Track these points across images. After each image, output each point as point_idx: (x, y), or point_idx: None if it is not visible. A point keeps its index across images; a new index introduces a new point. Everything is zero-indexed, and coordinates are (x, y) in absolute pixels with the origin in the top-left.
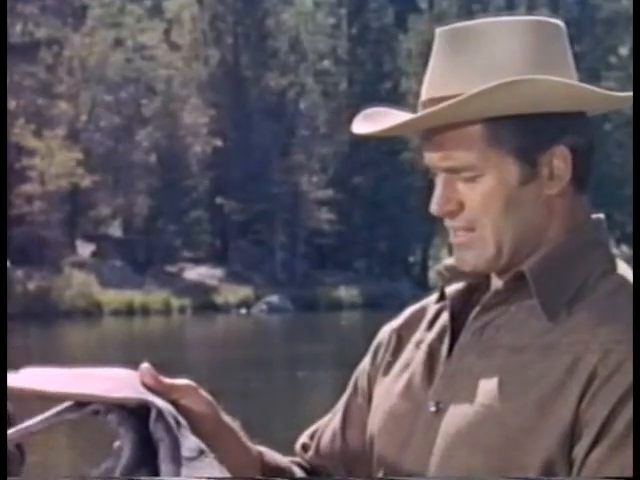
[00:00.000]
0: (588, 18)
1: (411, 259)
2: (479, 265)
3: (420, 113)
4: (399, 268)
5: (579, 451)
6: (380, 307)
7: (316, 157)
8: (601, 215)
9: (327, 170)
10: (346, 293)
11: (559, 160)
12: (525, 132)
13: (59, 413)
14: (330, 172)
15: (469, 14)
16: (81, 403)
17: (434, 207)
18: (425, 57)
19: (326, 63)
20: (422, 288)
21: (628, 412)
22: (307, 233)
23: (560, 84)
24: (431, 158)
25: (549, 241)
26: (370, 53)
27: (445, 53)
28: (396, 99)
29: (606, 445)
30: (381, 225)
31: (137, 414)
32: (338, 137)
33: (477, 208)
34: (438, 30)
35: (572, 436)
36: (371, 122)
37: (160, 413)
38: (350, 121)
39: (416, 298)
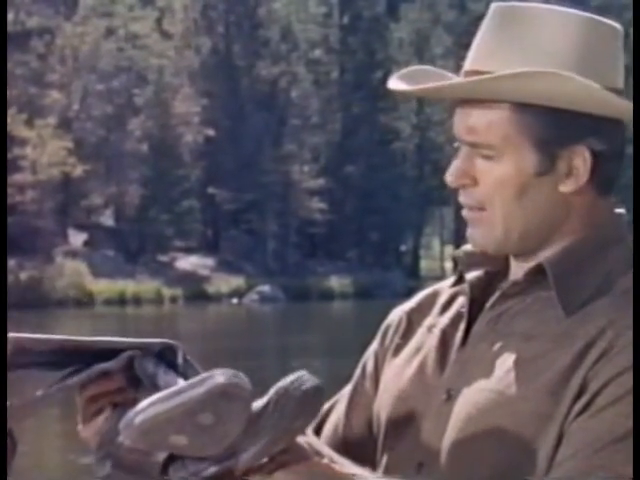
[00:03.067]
0: (579, 7)
1: (402, 248)
2: (487, 245)
3: (445, 82)
4: (390, 257)
5: (570, 418)
6: (371, 296)
7: (308, 146)
8: (622, 210)
9: (319, 159)
10: (338, 282)
11: (579, 160)
12: (549, 125)
13: (96, 364)
14: (322, 161)
15: (461, 4)
16: (114, 351)
17: (449, 177)
18: (416, 46)
19: (318, 52)
20: (413, 277)
21: (615, 390)
22: (299, 222)
23: (583, 85)
24: (457, 128)
25: (567, 235)
26: (362, 42)
27: (495, 28)
28: (388, 88)
29: (587, 415)
30: (372, 214)
31: (164, 359)
32: (330, 126)
33: (490, 188)
34: (494, 4)
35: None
36: (407, 80)
37: (185, 355)
38: (342, 110)
39: (407, 287)
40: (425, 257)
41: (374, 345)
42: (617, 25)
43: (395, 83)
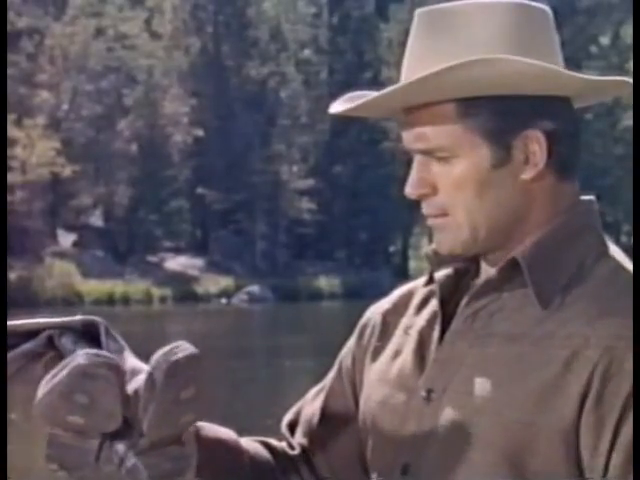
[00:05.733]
0: (569, 7)
1: (391, 249)
2: (455, 248)
3: (378, 92)
4: (379, 257)
5: (597, 459)
6: (360, 296)
7: (297, 146)
8: (592, 197)
9: (308, 159)
10: (327, 283)
11: (534, 144)
12: (496, 114)
13: (17, 347)
14: (311, 161)
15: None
16: (33, 333)
17: (408, 189)
18: (405, 46)
19: (307, 52)
20: (402, 277)
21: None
22: (288, 223)
23: (519, 63)
24: (407, 139)
25: (536, 227)
26: (351, 42)
27: (421, 35)
28: (377, 88)
29: (623, 451)
30: (361, 214)
31: (87, 335)
32: (319, 126)
33: (450, 191)
34: (417, 11)
35: (576, 435)
36: (347, 103)
37: (107, 329)
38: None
39: (396, 287)
40: (414, 257)
41: (351, 343)
42: (545, 7)
43: (334, 107)
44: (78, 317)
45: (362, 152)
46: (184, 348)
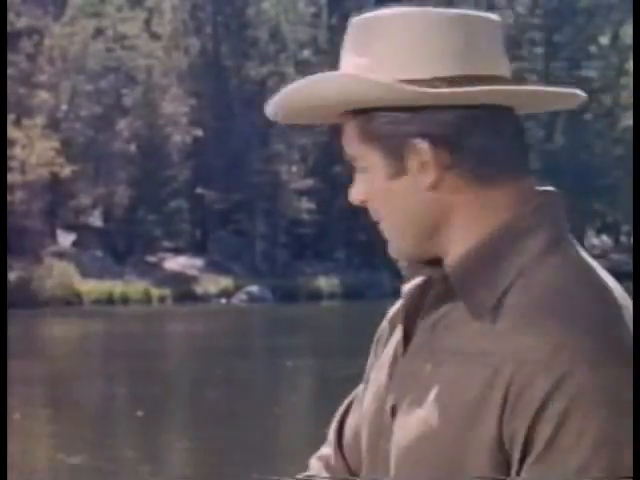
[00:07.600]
0: (568, 8)
1: None
2: (397, 255)
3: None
4: (379, 258)
5: (515, 468)
6: (360, 297)
7: (296, 147)
8: (548, 192)
9: (307, 160)
10: (326, 283)
11: (422, 154)
12: (383, 126)
13: None
14: (310, 162)
15: (448, 4)
16: None
17: (349, 197)
18: None
19: (306, 53)
20: (402, 278)
21: (547, 427)
22: (287, 223)
23: (349, 81)
24: None
25: (462, 237)
26: None
27: (352, 43)
28: None
29: (530, 462)
30: (361, 215)
31: None
32: (318, 127)
33: (372, 200)
34: (352, 20)
35: (500, 452)
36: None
37: None
38: None
39: (395, 288)
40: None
41: (371, 355)
42: (489, 15)
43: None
44: None
45: None
46: None
